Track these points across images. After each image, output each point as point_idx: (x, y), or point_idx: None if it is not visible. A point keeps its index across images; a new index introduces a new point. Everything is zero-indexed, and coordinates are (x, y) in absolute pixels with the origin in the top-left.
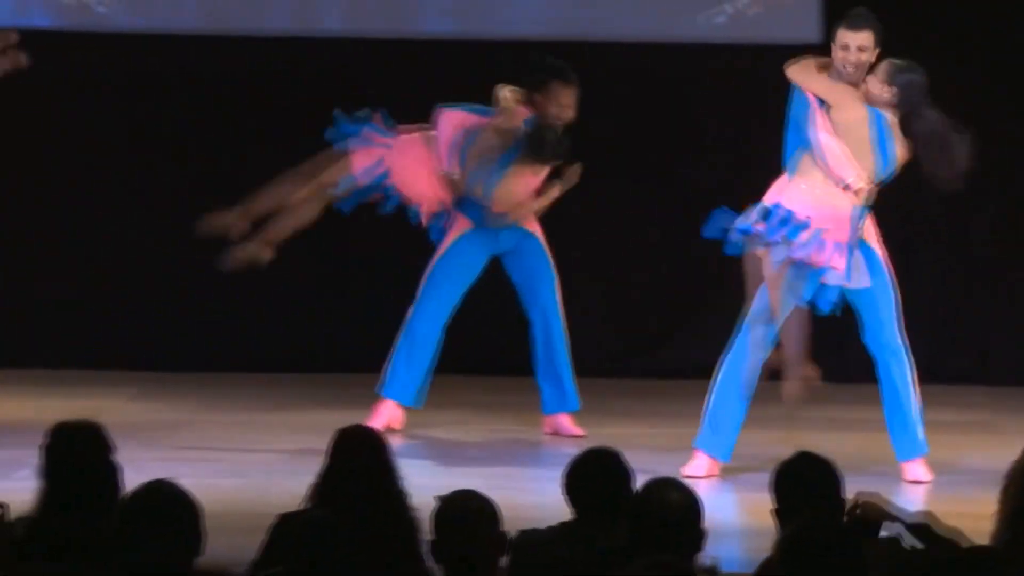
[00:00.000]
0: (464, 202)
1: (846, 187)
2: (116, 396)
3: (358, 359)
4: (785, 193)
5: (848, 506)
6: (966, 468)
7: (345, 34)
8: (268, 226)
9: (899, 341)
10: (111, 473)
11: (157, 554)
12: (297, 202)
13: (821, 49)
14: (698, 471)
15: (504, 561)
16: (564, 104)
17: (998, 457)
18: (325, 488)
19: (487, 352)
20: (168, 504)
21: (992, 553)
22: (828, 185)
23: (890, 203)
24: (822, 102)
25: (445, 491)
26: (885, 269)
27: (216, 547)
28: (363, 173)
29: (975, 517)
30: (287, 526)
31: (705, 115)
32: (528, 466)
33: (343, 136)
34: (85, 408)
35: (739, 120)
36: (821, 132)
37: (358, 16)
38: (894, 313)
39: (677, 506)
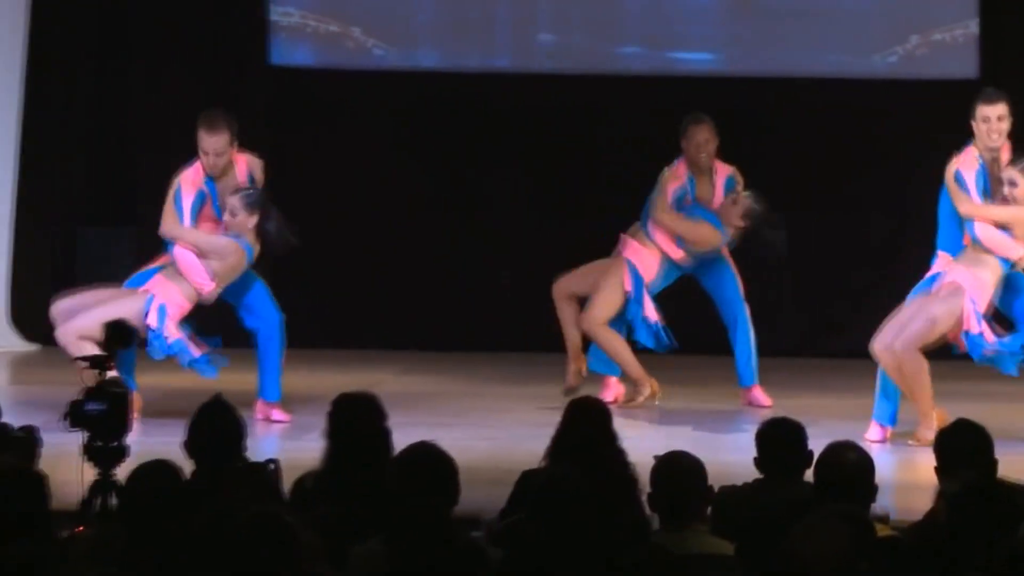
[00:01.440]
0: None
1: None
2: (387, 371)
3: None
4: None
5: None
6: None
7: (555, 71)
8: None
9: None
10: (384, 435)
11: (421, 503)
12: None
13: (979, 84)
14: (873, 436)
15: (708, 511)
16: (700, 141)
17: None
18: (559, 448)
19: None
20: (430, 462)
21: None
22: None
23: None
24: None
25: (659, 451)
26: None
27: (470, 498)
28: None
29: None
30: (529, 480)
31: (877, 141)
32: (725, 432)
33: None
34: (362, 381)
35: (907, 144)
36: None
37: (562, 56)
38: None
39: (855, 465)
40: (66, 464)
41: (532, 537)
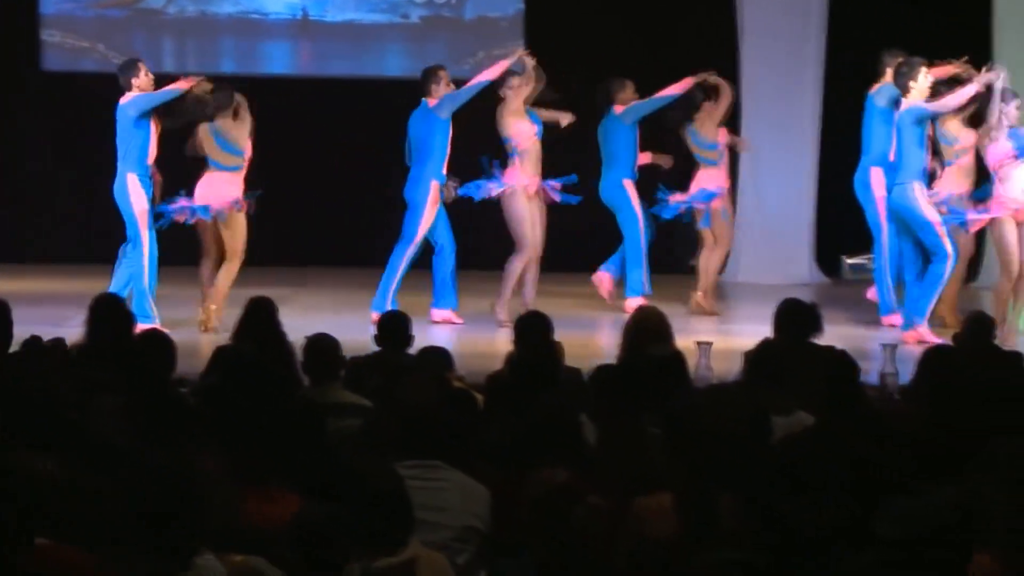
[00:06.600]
0: None
1: None
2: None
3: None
4: None
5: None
6: None
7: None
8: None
9: None
10: (130, 319)
11: (148, 369)
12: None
13: None
14: None
15: (342, 373)
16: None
17: None
18: (241, 331)
19: None
20: (156, 344)
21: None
22: None
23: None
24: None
25: (310, 333)
26: None
27: (183, 366)
28: None
29: None
30: (220, 353)
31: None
32: (354, 320)
33: None
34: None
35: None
36: None
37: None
38: None
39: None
40: None
41: (222, 392)
